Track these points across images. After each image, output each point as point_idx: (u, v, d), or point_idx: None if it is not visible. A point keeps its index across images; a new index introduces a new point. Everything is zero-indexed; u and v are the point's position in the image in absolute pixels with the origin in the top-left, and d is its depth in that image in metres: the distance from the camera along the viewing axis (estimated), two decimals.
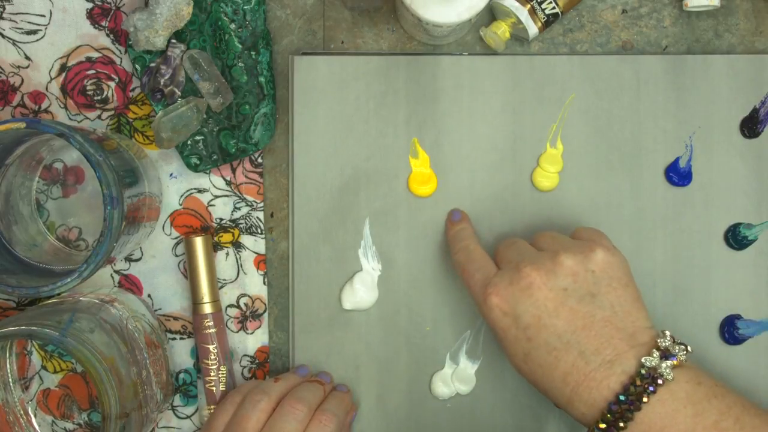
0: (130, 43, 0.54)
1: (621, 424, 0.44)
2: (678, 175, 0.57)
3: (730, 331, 0.56)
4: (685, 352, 0.45)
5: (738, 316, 0.57)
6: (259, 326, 0.58)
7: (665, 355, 0.45)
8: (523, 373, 0.49)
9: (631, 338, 0.46)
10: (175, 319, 0.58)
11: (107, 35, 0.57)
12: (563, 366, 0.46)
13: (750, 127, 0.57)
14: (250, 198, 0.57)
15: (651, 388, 0.44)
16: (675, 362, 0.45)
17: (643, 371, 0.44)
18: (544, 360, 0.47)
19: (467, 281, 0.51)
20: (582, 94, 0.57)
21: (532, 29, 0.54)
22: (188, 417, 0.58)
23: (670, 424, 0.44)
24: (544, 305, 0.47)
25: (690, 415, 0.44)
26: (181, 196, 0.57)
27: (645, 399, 0.44)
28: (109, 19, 0.57)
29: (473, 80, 0.57)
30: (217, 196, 0.57)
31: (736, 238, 0.56)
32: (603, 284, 0.47)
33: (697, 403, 0.44)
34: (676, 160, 0.57)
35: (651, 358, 0.44)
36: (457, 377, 0.56)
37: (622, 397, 0.44)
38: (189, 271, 0.56)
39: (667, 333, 0.46)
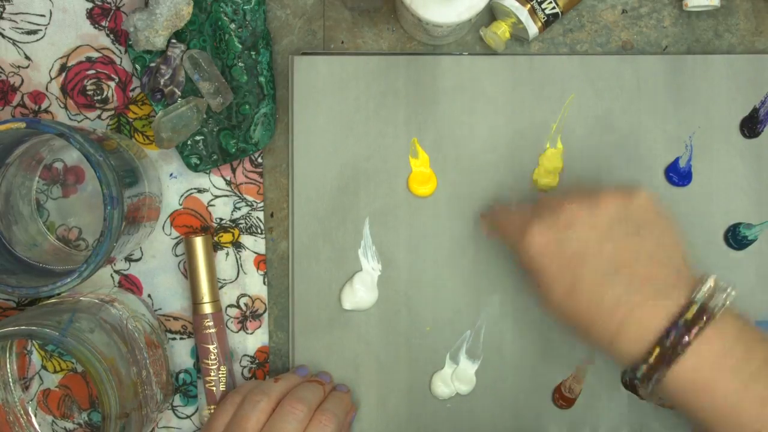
0: (130, 43, 0.54)
1: (669, 361, 0.43)
2: (678, 175, 0.57)
3: None
4: (731, 294, 0.44)
5: None
6: (259, 326, 0.58)
7: (713, 294, 0.43)
8: (564, 312, 0.46)
9: (678, 273, 0.45)
10: (175, 319, 0.58)
11: (107, 35, 0.57)
12: (609, 300, 0.44)
13: (750, 127, 0.57)
14: (250, 198, 0.57)
15: (699, 326, 0.42)
16: (723, 301, 0.43)
17: (693, 307, 0.43)
18: (590, 294, 0.45)
19: (503, 231, 0.49)
20: (582, 94, 0.57)
21: (532, 29, 0.54)
22: (188, 417, 0.58)
23: (718, 363, 0.42)
24: (590, 237, 0.45)
25: (739, 355, 0.43)
26: (181, 196, 0.57)
27: (694, 334, 0.42)
28: (109, 19, 0.57)
29: (473, 80, 0.57)
30: (217, 196, 0.57)
31: (736, 238, 0.56)
32: (648, 220, 0.46)
33: (746, 342, 0.43)
34: (676, 160, 0.57)
35: (701, 293, 0.43)
36: (457, 377, 0.56)
37: (672, 333, 0.43)
38: (189, 271, 0.56)
39: (714, 275, 0.45)
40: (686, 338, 0.43)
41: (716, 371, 0.43)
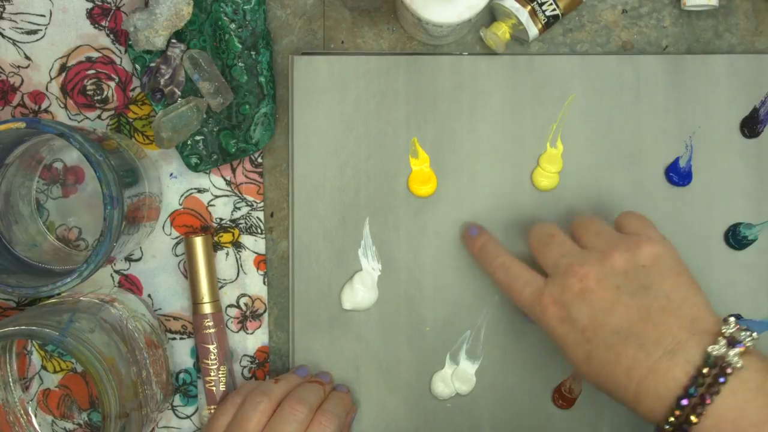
0: (130, 43, 0.54)
1: (693, 419, 0.42)
2: (678, 175, 0.57)
3: None
4: (751, 338, 0.43)
5: (738, 316, 0.57)
6: (259, 326, 0.58)
7: (732, 342, 0.43)
8: (588, 377, 0.47)
9: (692, 324, 0.44)
10: (175, 319, 0.58)
11: (107, 35, 0.57)
12: (625, 361, 0.45)
13: (750, 127, 0.57)
14: (250, 198, 0.57)
15: (722, 379, 0.42)
16: (742, 349, 0.43)
17: (710, 361, 0.42)
18: (605, 358, 0.45)
19: (516, 298, 0.50)
20: (582, 94, 0.57)
21: (533, 30, 0.54)
22: (188, 417, 0.58)
23: (741, 416, 0.42)
24: (599, 305, 0.46)
25: (762, 406, 0.42)
26: (181, 196, 0.57)
27: (717, 390, 0.42)
28: (109, 19, 0.57)
29: (473, 80, 0.57)
30: (217, 196, 0.57)
31: (736, 238, 0.56)
32: (655, 276, 0.46)
33: None
34: (676, 160, 0.57)
35: (717, 346, 0.43)
36: (457, 377, 0.57)
37: (692, 390, 0.42)
38: (189, 271, 0.56)
39: (731, 319, 0.44)
40: (704, 398, 0.42)
41: (737, 427, 0.42)
